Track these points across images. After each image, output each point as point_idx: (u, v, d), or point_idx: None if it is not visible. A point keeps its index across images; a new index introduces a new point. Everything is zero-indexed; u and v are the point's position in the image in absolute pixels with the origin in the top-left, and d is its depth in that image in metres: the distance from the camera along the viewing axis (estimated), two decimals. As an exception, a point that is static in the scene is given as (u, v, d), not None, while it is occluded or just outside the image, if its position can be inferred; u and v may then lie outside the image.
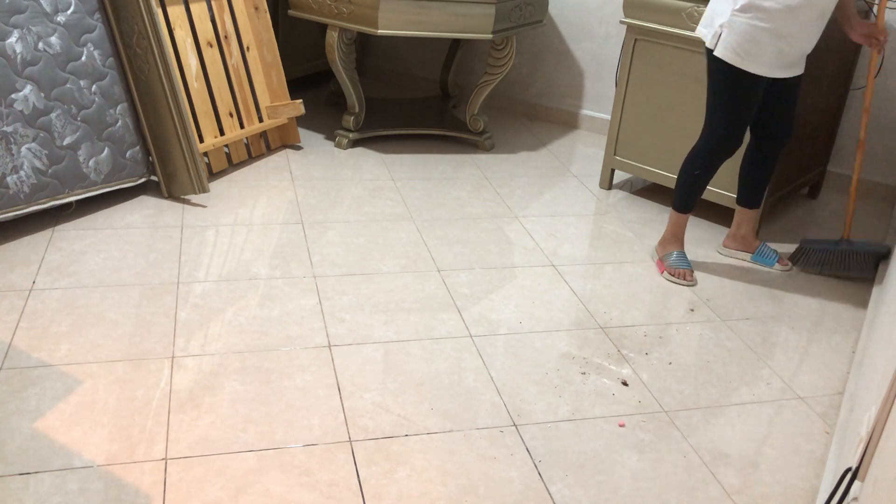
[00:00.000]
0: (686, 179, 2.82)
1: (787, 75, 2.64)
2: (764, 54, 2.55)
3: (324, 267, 2.73)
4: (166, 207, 3.05)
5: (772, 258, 2.99)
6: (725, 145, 2.73)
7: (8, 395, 2.00)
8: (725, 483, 1.94)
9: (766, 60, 2.56)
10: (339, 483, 1.83)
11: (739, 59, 2.56)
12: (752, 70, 2.57)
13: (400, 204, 3.26)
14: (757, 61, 2.56)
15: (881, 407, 1.49)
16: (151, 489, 1.76)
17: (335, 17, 3.50)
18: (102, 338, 2.25)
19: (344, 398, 2.10)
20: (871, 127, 3.66)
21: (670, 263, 2.87)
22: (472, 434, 2.02)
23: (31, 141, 2.71)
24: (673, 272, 2.85)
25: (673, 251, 2.90)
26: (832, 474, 1.87)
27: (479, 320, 2.51)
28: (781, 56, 2.57)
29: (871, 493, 1.40)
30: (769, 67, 2.58)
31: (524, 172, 3.71)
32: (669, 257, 2.89)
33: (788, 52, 2.57)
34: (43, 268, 2.57)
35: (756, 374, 2.38)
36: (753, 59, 2.56)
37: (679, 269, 2.85)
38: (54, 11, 2.77)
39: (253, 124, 3.54)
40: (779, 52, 2.55)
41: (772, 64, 2.58)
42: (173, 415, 1.99)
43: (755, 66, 2.57)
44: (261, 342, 2.30)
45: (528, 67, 4.46)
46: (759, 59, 2.56)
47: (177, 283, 2.56)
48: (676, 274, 2.85)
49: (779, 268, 2.98)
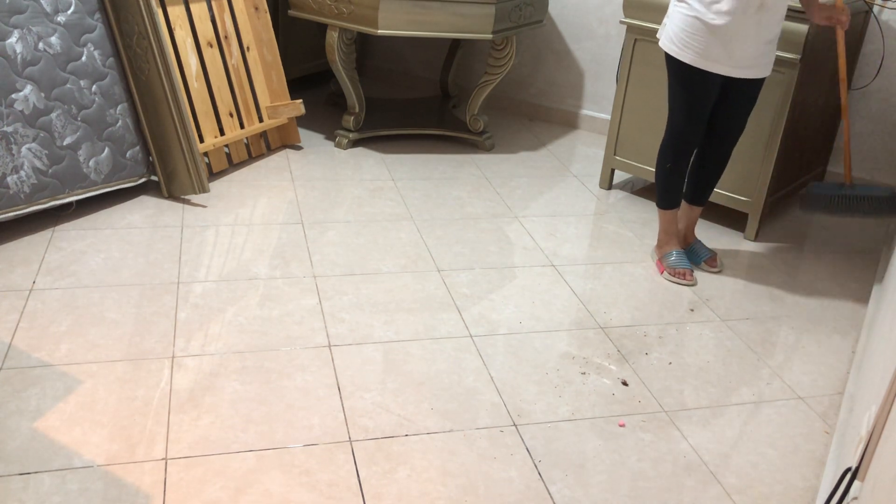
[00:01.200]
0: (660, 175, 2.85)
1: (737, 74, 2.57)
2: (700, 45, 2.52)
3: (324, 267, 2.73)
4: (166, 207, 3.05)
5: (700, 256, 2.94)
6: (684, 140, 2.74)
7: (8, 395, 2.00)
8: (725, 483, 1.94)
9: (703, 52, 2.52)
10: (339, 483, 1.83)
11: (677, 50, 2.56)
12: (688, 61, 2.55)
13: (400, 204, 3.26)
14: (695, 52, 2.53)
15: (881, 407, 1.49)
16: (151, 489, 1.76)
17: (335, 17, 3.50)
18: (102, 338, 2.25)
19: (344, 398, 2.10)
20: (871, 127, 3.67)
21: (669, 263, 2.87)
22: (472, 434, 2.02)
23: (31, 141, 2.71)
24: (673, 272, 2.85)
25: (672, 251, 2.90)
26: (832, 474, 1.87)
27: (479, 320, 2.51)
28: (724, 51, 2.51)
29: (871, 493, 1.40)
30: (709, 61, 2.54)
31: (524, 172, 3.71)
32: (669, 257, 2.88)
33: (732, 48, 2.51)
34: (43, 268, 2.57)
35: (756, 374, 2.38)
36: (691, 51, 2.54)
37: (679, 269, 2.85)
38: (54, 11, 2.77)
39: (253, 124, 3.54)
40: (720, 45, 2.50)
41: (712, 58, 2.53)
42: (173, 415, 1.99)
43: (693, 57, 2.54)
44: (261, 342, 2.30)
45: (528, 67, 4.46)
46: (696, 50, 2.53)
47: (177, 283, 2.56)
48: (676, 274, 2.85)
49: (706, 267, 2.92)
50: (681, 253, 2.90)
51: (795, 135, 3.18)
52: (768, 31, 2.54)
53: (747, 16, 2.46)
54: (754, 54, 2.55)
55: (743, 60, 2.55)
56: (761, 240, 3.22)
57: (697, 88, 2.63)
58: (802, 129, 3.23)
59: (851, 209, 2.97)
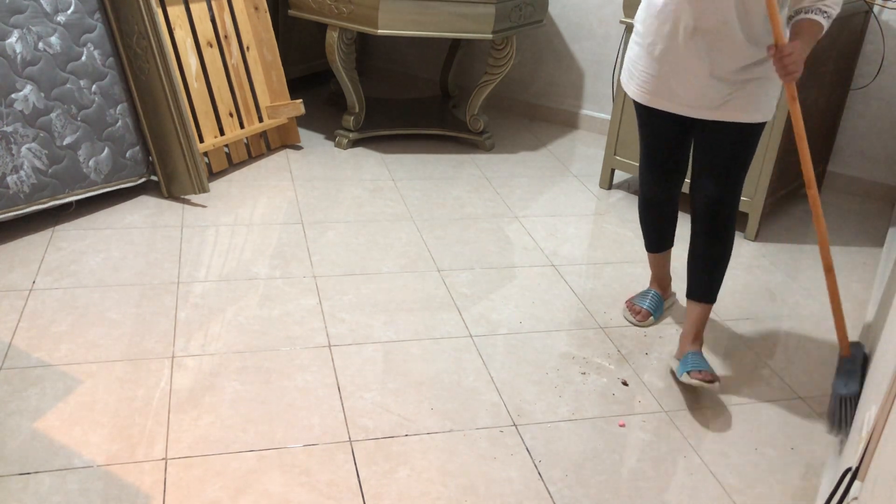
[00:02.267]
0: (639, 217, 2.56)
1: (684, 113, 2.16)
2: (642, 77, 2.18)
3: (324, 267, 2.73)
4: (166, 207, 3.05)
5: (686, 366, 2.21)
6: (643, 193, 2.45)
7: (8, 395, 2.00)
8: (725, 483, 1.94)
9: (644, 84, 2.19)
10: (339, 483, 1.83)
11: (624, 82, 2.27)
12: (631, 95, 2.24)
13: (400, 204, 3.26)
14: (637, 85, 2.21)
15: (881, 407, 1.49)
16: (151, 489, 1.76)
17: (335, 17, 3.50)
18: (102, 338, 2.25)
19: (344, 398, 2.10)
20: (871, 127, 3.67)
21: (632, 297, 2.62)
22: (472, 434, 2.02)
23: (31, 141, 2.71)
24: (630, 305, 2.59)
25: (647, 288, 2.65)
26: (832, 474, 1.87)
27: (479, 320, 2.51)
28: (665, 84, 2.14)
29: (871, 493, 1.40)
30: (650, 95, 2.19)
31: (524, 172, 3.71)
32: (639, 292, 2.65)
33: (673, 81, 2.12)
34: (43, 268, 2.57)
35: (756, 374, 2.38)
36: (634, 83, 2.22)
37: (636, 306, 2.56)
38: (54, 11, 2.77)
39: (253, 124, 3.54)
40: (661, 77, 2.14)
41: (654, 91, 2.17)
42: (173, 415, 1.99)
43: (635, 90, 2.22)
44: (261, 342, 2.30)
45: (528, 67, 4.46)
46: (638, 82, 2.21)
47: (177, 283, 2.56)
48: (631, 309, 2.57)
49: (686, 378, 2.17)
50: (650, 293, 2.60)
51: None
52: (717, 64, 2.05)
53: (680, 42, 2.06)
54: (699, 90, 2.10)
55: (687, 97, 2.12)
56: (761, 240, 3.22)
57: (646, 129, 2.30)
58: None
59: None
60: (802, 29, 2.01)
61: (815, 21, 2.01)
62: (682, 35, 2.05)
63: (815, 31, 2.01)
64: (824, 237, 2.13)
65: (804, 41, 1.99)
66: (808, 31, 2.00)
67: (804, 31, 2.00)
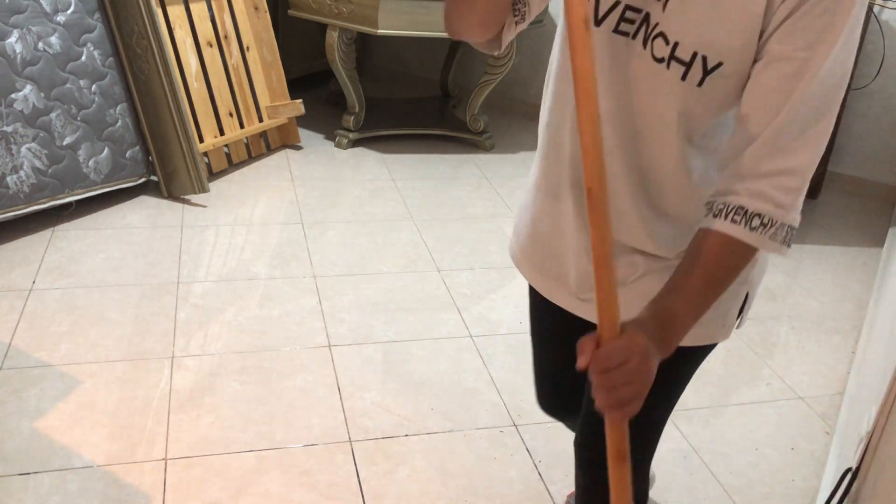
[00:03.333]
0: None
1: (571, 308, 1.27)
2: (523, 238, 1.35)
3: (324, 267, 2.73)
4: (166, 207, 3.05)
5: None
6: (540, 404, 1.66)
7: (8, 395, 2.00)
8: (725, 483, 1.94)
9: (524, 248, 1.34)
10: (339, 483, 1.82)
11: (509, 247, 1.42)
12: (512, 258, 1.41)
13: (400, 204, 3.26)
14: (519, 248, 1.37)
15: (881, 407, 1.49)
16: (151, 489, 1.76)
17: (335, 17, 3.50)
18: (102, 338, 2.25)
19: (344, 398, 2.10)
20: (872, 127, 3.67)
21: None
22: (472, 434, 2.02)
23: (30, 141, 2.71)
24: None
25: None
26: (832, 474, 1.87)
27: (479, 320, 2.50)
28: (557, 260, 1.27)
29: (871, 493, 1.39)
30: (535, 273, 1.33)
31: (524, 172, 3.71)
32: None
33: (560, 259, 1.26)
34: (43, 268, 2.57)
35: (756, 374, 2.38)
36: (515, 241, 1.39)
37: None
38: (54, 11, 2.77)
39: (253, 124, 3.54)
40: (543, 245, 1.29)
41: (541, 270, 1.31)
42: (173, 415, 1.99)
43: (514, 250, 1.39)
44: (261, 342, 2.30)
45: (528, 67, 4.46)
46: (518, 244, 1.37)
47: (177, 283, 2.56)
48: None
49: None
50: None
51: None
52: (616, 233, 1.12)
53: (561, 201, 1.24)
54: (583, 273, 1.22)
55: (575, 282, 1.24)
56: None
57: (532, 322, 1.48)
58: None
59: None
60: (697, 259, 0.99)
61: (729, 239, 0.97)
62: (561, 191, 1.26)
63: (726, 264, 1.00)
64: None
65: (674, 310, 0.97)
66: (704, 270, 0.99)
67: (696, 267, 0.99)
